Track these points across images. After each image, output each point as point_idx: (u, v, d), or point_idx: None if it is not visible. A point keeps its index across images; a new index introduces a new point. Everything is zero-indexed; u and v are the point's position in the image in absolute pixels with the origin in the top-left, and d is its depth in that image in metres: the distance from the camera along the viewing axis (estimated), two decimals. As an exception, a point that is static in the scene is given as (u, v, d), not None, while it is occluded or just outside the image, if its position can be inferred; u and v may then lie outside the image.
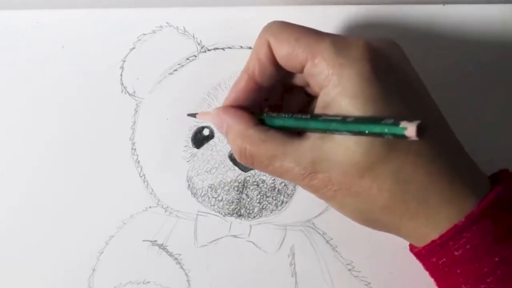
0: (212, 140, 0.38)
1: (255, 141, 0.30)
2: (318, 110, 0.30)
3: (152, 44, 0.38)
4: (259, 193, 0.37)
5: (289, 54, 0.30)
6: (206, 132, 0.38)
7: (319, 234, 0.37)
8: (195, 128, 0.38)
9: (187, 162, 0.38)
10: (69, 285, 0.37)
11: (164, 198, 0.38)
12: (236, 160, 0.35)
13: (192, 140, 0.38)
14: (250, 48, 0.38)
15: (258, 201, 0.37)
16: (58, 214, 0.38)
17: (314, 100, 0.32)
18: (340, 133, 0.28)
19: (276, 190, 0.37)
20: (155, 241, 0.37)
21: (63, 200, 0.38)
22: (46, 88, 0.38)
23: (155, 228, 0.37)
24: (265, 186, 0.37)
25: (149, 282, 0.37)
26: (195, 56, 0.38)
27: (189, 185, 0.38)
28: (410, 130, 0.24)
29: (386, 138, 0.26)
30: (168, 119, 0.38)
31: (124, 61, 0.38)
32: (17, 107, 0.38)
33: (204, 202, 0.37)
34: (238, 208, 0.37)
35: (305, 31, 0.30)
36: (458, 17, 0.38)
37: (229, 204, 0.37)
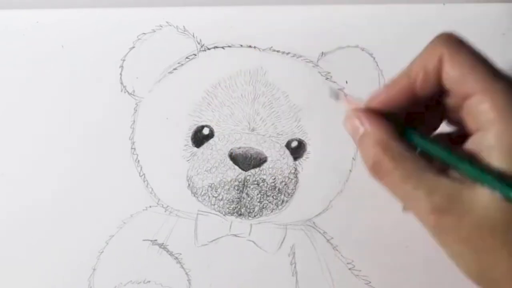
0: (212, 139, 0.38)
1: (396, 156, 0.28)
2: (467, 147, 0.28)
3: (152, 43, 0.38)
4: (260, 192, 0.37)
5: (459, 80, 0.28)
6: (206, 131, 0.38)
7: (320, 233, 0.37)
8: (195, 127, 0.38)
9: (187, 161, 0.38)
10: (69, 284, 0.37)
11: (164, 198, 0.38)
12: (236, 159, 0.35)
13: (192, 139, 0.38)
14: (250, 46, 0.38)
15: (258, 200, 0.37)
16: (58, 214, 0.37)
17: (456, 131, 0.30)
18: (492, 188, 0.26)
19: (276, 189, 0.37)
20: (156, 240, 0.37)
21: (63, 199, 0.38)
22: (46, 88, 0.39)
23: (155, 227, 0.37)
24: (265, 185, 0.37)
25: (149, 281, 0.37)
26: (195, 55, 0.38)
27: (189, 184, 0.37)
28: None
29: None
30: (168, 118, 0.38)
31: (123, 60, 0.38)
32: (17, 107, 0.39)
33: (204, 201, 0.37)
34: (239, 207, 0.37)
35: (482, 61, 0.28)
36: (458, 16, 0.38)
37: (229, 203, 0.37)
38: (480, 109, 0.27)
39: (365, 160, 0.29)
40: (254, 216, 0.37)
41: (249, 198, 0.37)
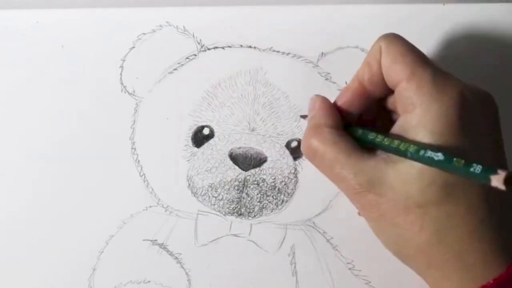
0: (212, 139, 0.38)
1: (326, 140, 0.31)
2: (394, 131, 0.30)
3: (152, 43, 0.38)
4: (260, 192, 0.37)
5: (390, 66, 0.30)
6: (206, 131, 0.38)
7: (320, 233, 0.37)
8: (195, 127, 0.38)
9: (187, 161, 0.38)
10: (69, 284, 0.37)
11: (164, 198, 0.38)
12: (236, 159, 0.35)
13: (192, 139, 0.38)
14: (250, 47, 0.38)
15: (258, 200, 0.37)
16: (58, 214, 0.37)
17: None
18: (415, 157, 0.28)
19: (276, 189, 0.37)
20: (156, 240, 0.37)
21: (63, 199, 0.38)
22: (46, 88, 0.39)
23: (156, 227, 0.37)
24: (265, 185, 0.37)
25: (149, 281, 0.37)
26: (195, 55, 0.38)
27: (189, 184, 0.37)
28: (500, 177, 0.24)
29: (464, 176, 0.26)
30: (168, 118, 0.38)
31: (124, 60, 0.38)
32: (17, 107, 0.38)
33: (204, 201, 0.37)
34: (239, 207, 0.37)
35: (413, 51, 0.30)
36: (458, 16, 0.38)
37: (229, 203, 0.37)
38: (406, 94, 0.29)
39: (302, 140, 0.32)
40: (254, 216, 0.37)
41: (249, 198, 0.37)
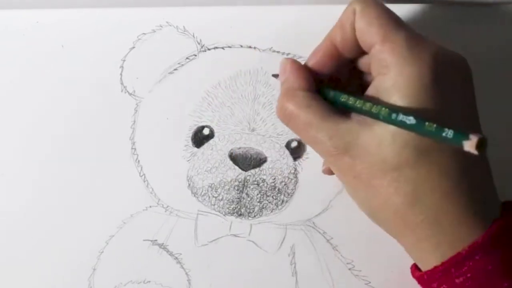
0: (212, 139, 0.38)
1: (299, 103, 0.31)
2: (368, 93, 0.30)
3: (152, 43, 0.38)
4: (260, 192, 0.37)
5: (364, 28, 0.30)
6: (206, 131, 0.38)
7: (320, 233, 0.37)
8: (195, 127, 0.38)
9: (187, 161, 0.38)
10: (69, 284, 0.37)
11: (164, 198, 0.38)
12: (236, 159, 0.35)
13: (192, 139, 0.38)
14: (250, 47, 0.38)
15: (258, 200, 0.37)
16: (59, 214, 0.38)
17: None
18: (387, 120, 0.28)
19: (276, 189, 0.37)
20: (156, 240, 0.37)
21: (63, 199, 0.38)
22: (46, 88, 0.38)
23: (156, 227, 0.37)
24: (265, 185, 0.37)
25: (149, 281, 0.37)
26: (195, 55, 0.38)
27: (189, 184, 0.38)
28: (472, 142, 0.25)
29: (440, 140, 0.26)
30: (168, 119, 0.38)
31: (124, 60, 0.38)
32: (17, 107, 0.38)
33: (204, 201, 0.37)
34: (239, 207, 0.37)
35: (388, 14, 0.30)
36: (458, 16, 0.38)
37: (229, 203, 0.37)
38: (380, 56, 0.29)
39: (277, 105, 0.32)
40: (254, 216, 0.37)
41: (249, 198, 0.37)
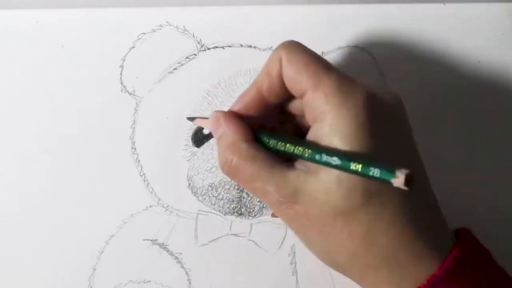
0: (212, 139, 0.38)
1: (244, 156, 0.30)
2: (307, 139, 0.30)
3: (152, 43, 0.38)
4: (260, 192, 0.37)
5: (294, 77, 0.29)
6: (206, 131, 0.38)
7: (320, 233, 0.37)
8: (195, 127, 0.38)
9: (187, 161, 0.38)
10: (69, 284, 0.37)
11: (164, 197, 0.38)
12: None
13: (192, 139, 0.38)
14: (250, 46, 0.38)
15: (258, 199, 0.37)
16: (58, 214, 0.37)
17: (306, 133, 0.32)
18: (327, 165, 0.28)
19: (276, 189, 0.37)
20: (156, 240, 0.37)
21: (63, 199, 0.38)
22: (46, 88, 0.38)
23: (156, 227, 0.37)
24: (265, 185, 0.37)
25: (149, 281, 0.37)
26: (195, 54, 0.38)
27: (189, 184, 0.37)
28: (400, 178, 0.25)
29: (372, 179, 0.26)
30: (168, 118, 0.38)
31: (124, 60, 0.38)
32: (17, 107, 0.38)
33: (204, 201, 0.37)
34: (239, 207, 0.37)
35: (316, 60, 0.30)
36: (458, 16, 0.38)
37: (229, 203, 0.37)
38: (314, 104, 0.29)
39: (219, 160, 0.31)
40: (254, 215, 0.37)
41: (249, 198, 0.37)
